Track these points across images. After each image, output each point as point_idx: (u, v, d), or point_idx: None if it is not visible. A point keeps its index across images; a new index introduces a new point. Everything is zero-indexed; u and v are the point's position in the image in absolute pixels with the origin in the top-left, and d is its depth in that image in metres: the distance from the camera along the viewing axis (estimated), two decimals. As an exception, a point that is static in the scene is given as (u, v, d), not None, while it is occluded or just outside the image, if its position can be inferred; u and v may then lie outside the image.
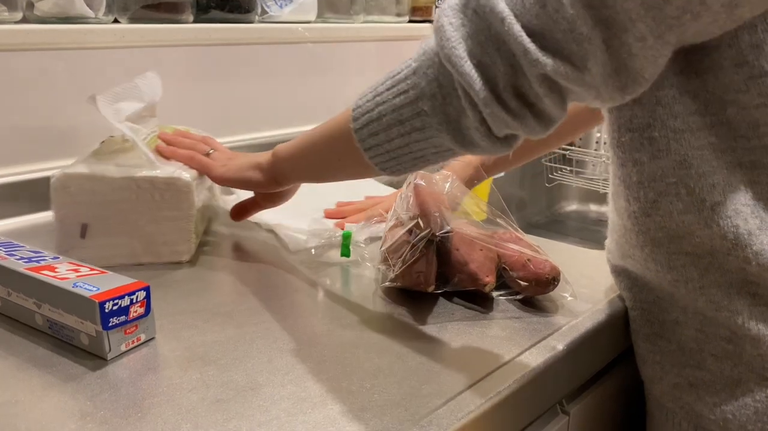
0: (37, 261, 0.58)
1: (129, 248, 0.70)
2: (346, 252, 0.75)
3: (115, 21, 0.94)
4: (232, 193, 0.87)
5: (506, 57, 0.45)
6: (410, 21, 1.36)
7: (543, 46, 0.44)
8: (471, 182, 0.87)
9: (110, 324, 0.53)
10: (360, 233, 0.79)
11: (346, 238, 0.75)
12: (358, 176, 0.62)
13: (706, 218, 0.53)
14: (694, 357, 0.60)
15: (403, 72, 0.50)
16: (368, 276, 0.71)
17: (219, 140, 1.07)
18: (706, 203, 0.53)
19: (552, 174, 1.37)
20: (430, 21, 1.36)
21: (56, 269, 0.57)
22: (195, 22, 1.01)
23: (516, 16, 0.44)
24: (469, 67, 0.45)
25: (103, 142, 0.77)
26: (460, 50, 0.46)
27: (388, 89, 0.51)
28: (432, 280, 0.63)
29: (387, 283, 0.64)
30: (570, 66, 0.44)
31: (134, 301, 0.55)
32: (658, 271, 0.59)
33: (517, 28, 0.44)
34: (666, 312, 0.61)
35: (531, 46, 0.44)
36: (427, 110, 0.49)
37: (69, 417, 0.46)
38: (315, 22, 1.18)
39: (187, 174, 0.71)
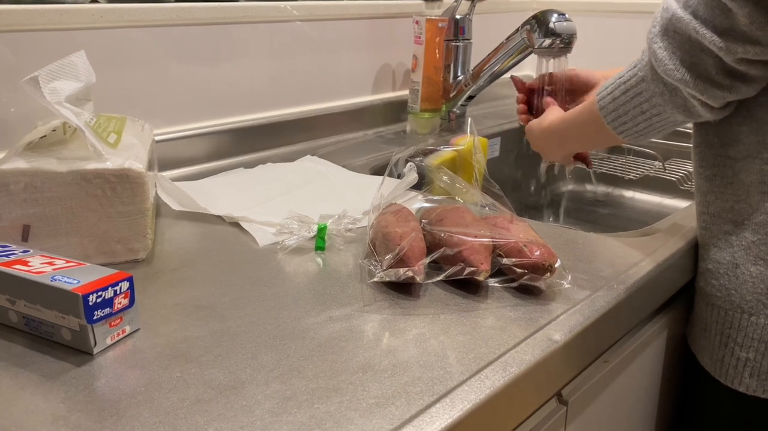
0: (6, 256, 0.55)
1: (79, 249, 0.65)
2: (321, 245, 0.72)
3: (94, 1, 0.90)
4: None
5: (709, 53, 0.61)
6: (401, -2, 1.32)
7: (734, 39, 0.59)
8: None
9: (95, 317, 0.51)
10: (336, 224, 0.74)
11: (322, 230, 0.72)
12: (611, 144, 0.83)
13: None
14: None
15: (633, 80, 0.69)
16: (354, 267, 0.68)
17: (202, 123, 1.04)
18: None
19: (547, 154, 1.35)
20: (421, -2, 1.33)
21: (29, 263, 0.54)
22: (177, 0, 0.98)
23: (705, 25, 0.60)
24: (682, 72, 0.63)
25: (36, 127, 0.71)
26: (670, 65, 0.64)
27: (623, 93, 0.71)
28: (421, 270, 0.61)
29: (375, 279, 0.62)
30: (759, 46, 0.59)
31: (118, 292, 0.53)
32: None
33: (709, 33, 0.60)
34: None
35: (723, 43, 0.60)
36: (660, 102, 0.68)
37: (40, 422, 0.44)
38: None
39: (139, 164, 0.66)
